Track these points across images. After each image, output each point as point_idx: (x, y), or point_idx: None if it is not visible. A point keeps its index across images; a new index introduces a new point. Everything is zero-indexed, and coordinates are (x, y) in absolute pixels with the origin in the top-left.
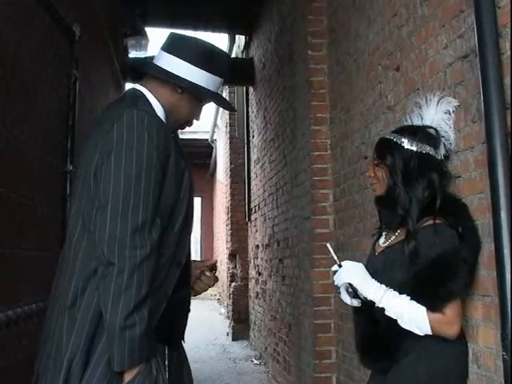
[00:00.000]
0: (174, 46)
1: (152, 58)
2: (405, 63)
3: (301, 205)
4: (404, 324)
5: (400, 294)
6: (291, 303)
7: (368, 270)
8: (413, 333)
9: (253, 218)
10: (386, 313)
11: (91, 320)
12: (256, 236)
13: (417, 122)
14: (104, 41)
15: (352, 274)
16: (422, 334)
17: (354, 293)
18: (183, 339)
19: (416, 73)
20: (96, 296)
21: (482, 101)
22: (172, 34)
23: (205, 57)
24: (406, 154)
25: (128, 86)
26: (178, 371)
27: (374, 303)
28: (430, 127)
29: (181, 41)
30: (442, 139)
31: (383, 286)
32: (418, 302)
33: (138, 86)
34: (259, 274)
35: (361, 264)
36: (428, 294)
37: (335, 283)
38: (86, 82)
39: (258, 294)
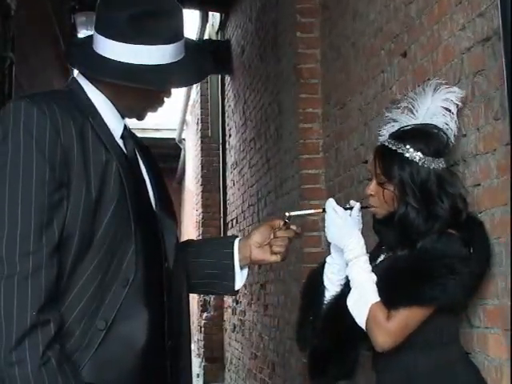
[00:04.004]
0: (98, 19)
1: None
2: (413, 48)
3: None
4: (348, 299)
5: None
6: (275, 338)
7: None
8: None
9: (229, 234)
10: (349, 276)
11: None
12: None
13: (407, 117)
14: (47, 17)
15: (330, 224)
16: (359, 324)
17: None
18: None
19: (426, 59)
20: None
21: (505, 94)
22: (99, 0)
23: (132, 25)
24: (424, 172)
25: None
26: None
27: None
28: (439, 129)
29: (101, 9)
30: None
31: (364, 249)
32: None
33: (78, 74)
34: (237, 302)
35: (349, 220)
36: (395, 286)
37: None
38: (24, 67)
39: (235, 327)
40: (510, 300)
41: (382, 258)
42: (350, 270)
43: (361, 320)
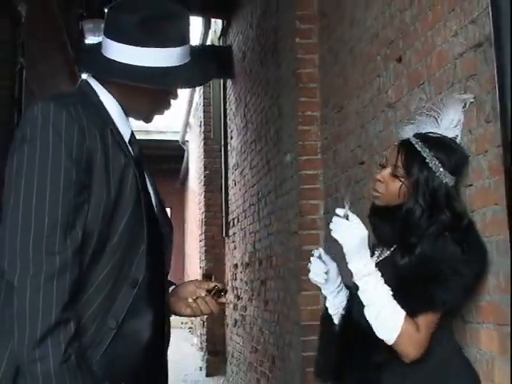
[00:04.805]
0: (107, 24)
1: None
2: (408, 53)
3: (287, 217)
4: (371, 316)
5: None
6: (275, 332)
7: (352, 292)
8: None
9: (231, 232)
10: (360, 294)
11: (8, 360)
12: (234, 254)
13: (431, 124)
14: (56, 23)
15: (349, 235)
16: (381, 338)
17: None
18: None
19: (421, 64)
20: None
21: (497, 97)
22: (109, 7)
23: (142, 29)
24: (438, 181)
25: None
26: None
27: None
28: (458, 145)
29: (111, 15)
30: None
31: (373, 265)
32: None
33: (88, 77)
34: (238, 297)
35: (366, 232)
36: (408, 295)
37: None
38: (33, 73)
39: (236, 322)
40: (511, 300)
41: (374, 256)
42: (366, 285)
43: (390, 335)
